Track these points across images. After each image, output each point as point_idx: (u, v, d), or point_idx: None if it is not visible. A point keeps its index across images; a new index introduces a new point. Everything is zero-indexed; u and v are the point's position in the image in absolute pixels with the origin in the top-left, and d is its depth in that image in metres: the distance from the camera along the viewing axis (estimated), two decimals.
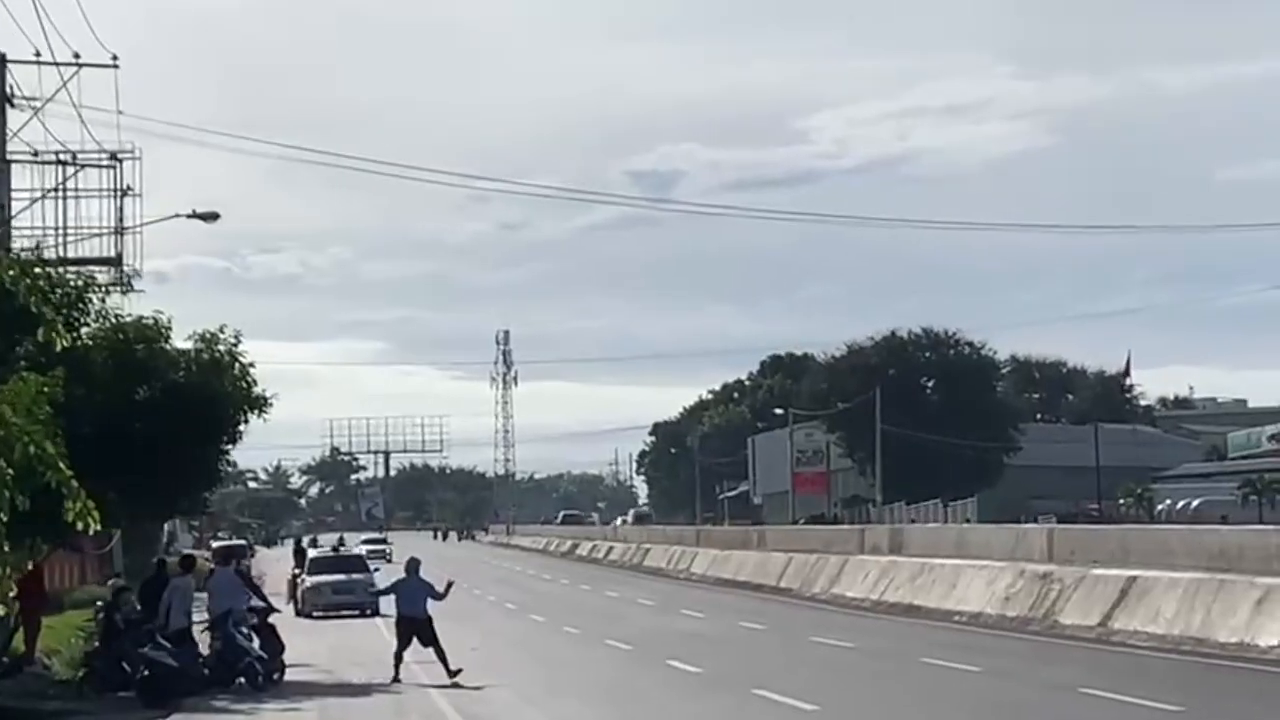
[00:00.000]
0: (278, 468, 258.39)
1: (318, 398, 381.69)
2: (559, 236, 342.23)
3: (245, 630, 32.16)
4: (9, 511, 18.89)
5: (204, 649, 32.55)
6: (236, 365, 35.55)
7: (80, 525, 19.28)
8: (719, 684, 29.66)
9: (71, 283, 36.02)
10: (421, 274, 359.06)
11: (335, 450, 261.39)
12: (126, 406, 33.53)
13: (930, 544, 57.37)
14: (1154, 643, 35.21)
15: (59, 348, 20.19)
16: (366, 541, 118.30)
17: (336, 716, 26.64)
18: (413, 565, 34.22)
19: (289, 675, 32.85)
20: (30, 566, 33.87)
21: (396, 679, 31.44)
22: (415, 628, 32.29)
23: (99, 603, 36.27)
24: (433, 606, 32.69)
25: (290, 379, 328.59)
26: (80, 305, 35.09)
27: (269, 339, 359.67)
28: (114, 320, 35.49)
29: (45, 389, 21.01)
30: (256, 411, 36.73)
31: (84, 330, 34.72)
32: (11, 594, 34.98)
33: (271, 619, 33.99)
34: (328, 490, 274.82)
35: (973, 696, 27.16)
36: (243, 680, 31.01)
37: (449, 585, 33.42)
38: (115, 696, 30.36)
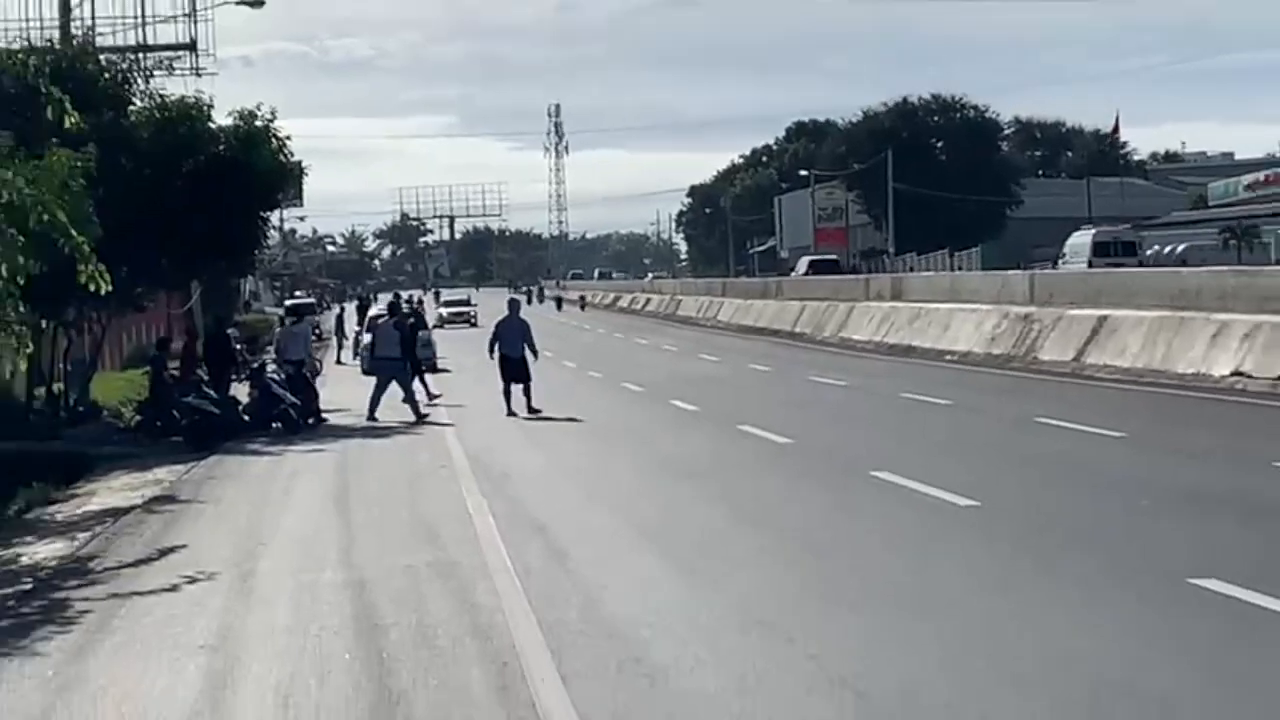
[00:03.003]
0: (353, 233, 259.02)
1: (390, 168, 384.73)
2: (605, 17, 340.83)
3: (279, 378, 32.02)
4: (25, 276, 18.52)
5: (244, 398, 32.44)
6: (273, 139, 35.07)
7: (92, 287, 18.89)
8: (710, 420, 29.34)
9: (118, 67, 35.61)
10: (482, 54, 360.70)
11: (405, 216, 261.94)
12: (172, 178, 33.16)
13: (927, 290, 57.01)
14: (1120, 375, 34.86)
15: (67, 125, 19.54)
16: (448, 304, 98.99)
17: (354, 454, 26.43)
18: (514, 305, 34.37)
19: (330, 420, 32.78)
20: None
21: (510, 413, 31.50)
22: (513, 365, 32.40)
23: (151, 357, 36.03)
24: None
25: (366, 152, 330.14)
26: (126, 86, 34.72)
27: (347, 116, 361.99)
28: (159, 100, 34.99)
29: (78, 164, 20.57)
30: (293, 180, 36.61)
31: (130, 110, 34.36)
32: (65, 348, 35.17)
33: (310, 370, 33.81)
34: (399, 253, 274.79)
35: (933, 426, 26.81)
36: (278, 425, 30.88)
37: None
38: (166, 441, 30.27)
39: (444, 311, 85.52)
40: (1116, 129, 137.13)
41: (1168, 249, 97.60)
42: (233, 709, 10.34)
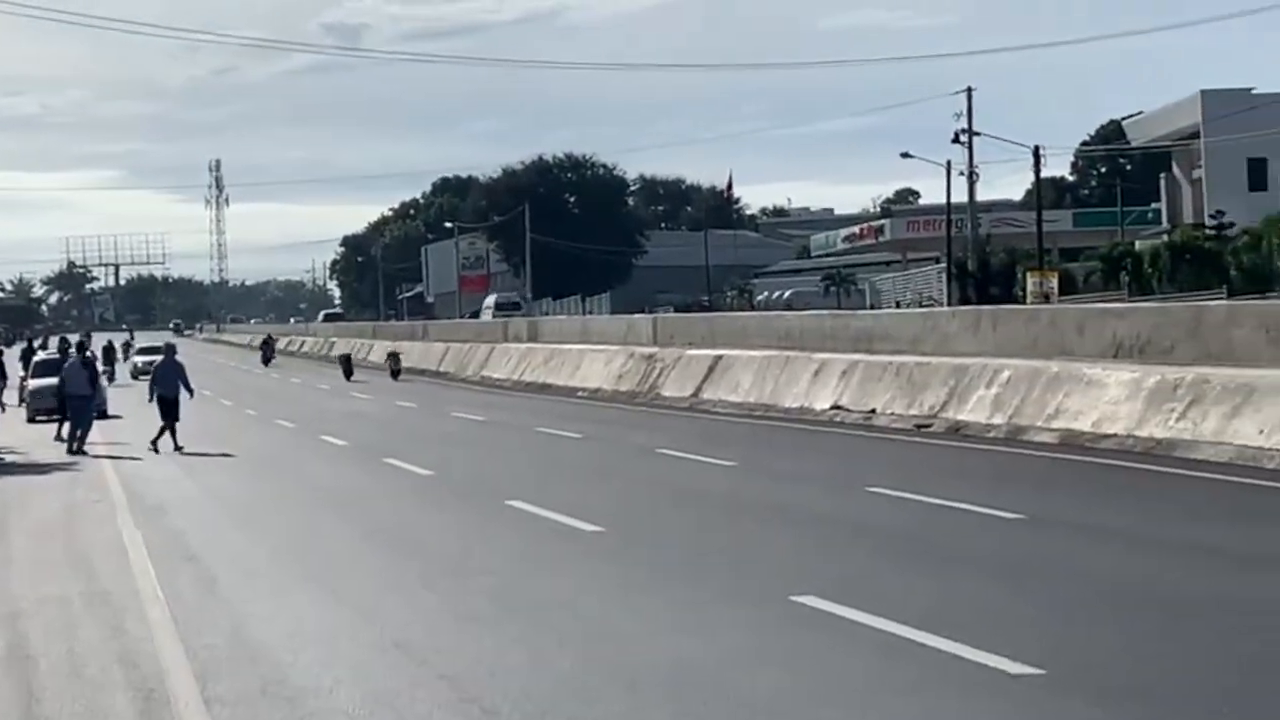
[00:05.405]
0: (20, 280, 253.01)
1: (58, 219, 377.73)
2: (264, 80, 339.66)
3: None
4: None
5: None
6: None
7: None
8: (357, 453, 28.98)
9: None
10: (147, 113, 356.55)
11: (72, 264, 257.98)
12: None
13: (561, 332, 57.33)
14: (734, 409, 35.36)
15: None
16: (145, 351, 76.47)
17: (12, 491, 25.21)
18: (169, 349, 34.23)
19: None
20: None
21: (176, 448, 30.52)
22: (168, 405, 31.54)
23: None
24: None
25: (35, 204, 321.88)
26: None
27: (16, 170, 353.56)
28: None
29: None
30: None
31: None
32: None
33: None
34: (66, 299, 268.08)
35: (565, 457, 26.87)
36: None
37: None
38: None
39: (139, 361, 71.60)
40: (730, 186, 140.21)
41: (775, 294, 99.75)
42: None
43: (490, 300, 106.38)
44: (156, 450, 30.44)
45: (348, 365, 67.33)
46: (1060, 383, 25.27)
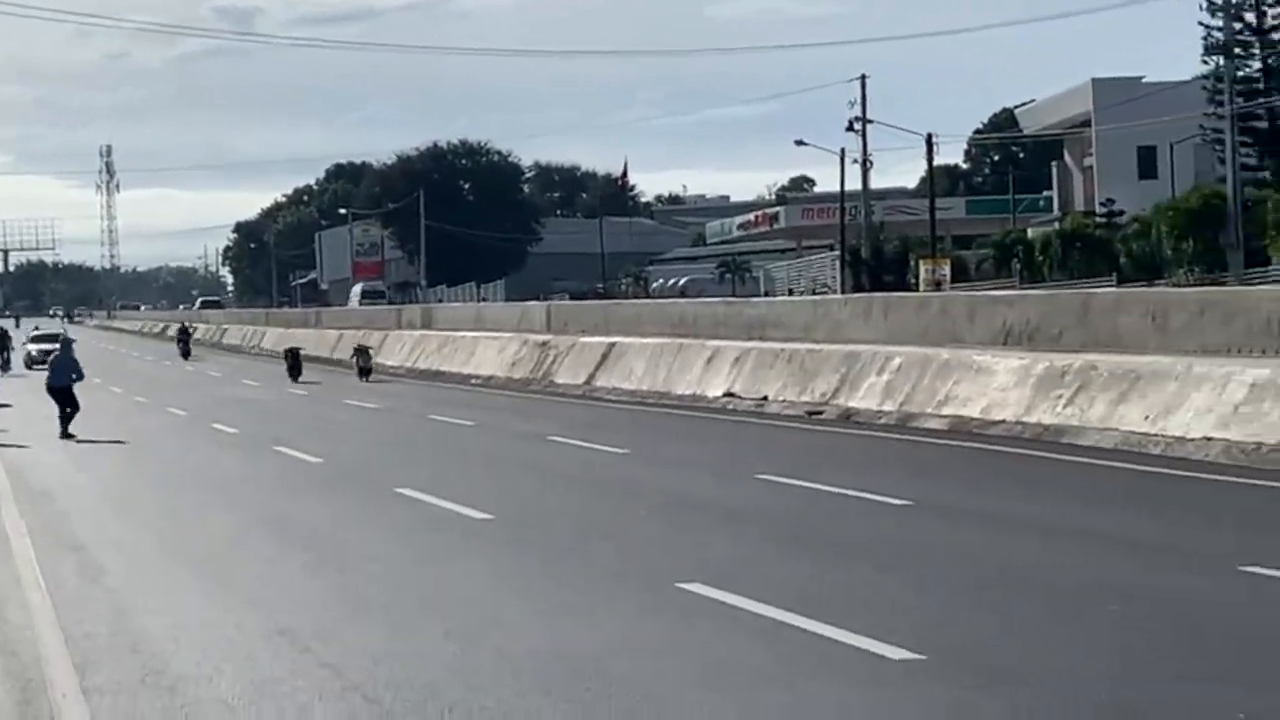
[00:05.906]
0: None
1: None
2: (157, 65, 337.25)
3: None
4: None
5: None
6: None
7: None
8: (248, 441, 28.74)
9: None
10: (38, 97, 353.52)
11: None
12: None
13: (455, 319, 57.31)
14: (627, 396, 35.41)
15: None
16: (38, 339, 73.96)
17: None
18: (66, 343, 34.83)
19: None
20: None
21: (65, 435, 30.31)
22: (59, 394, 31.67)
23: None
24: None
25: None
26: None
27: None
28: None
29: None
30: None
31: None
32: None
33: None
34: None
35: (456, 444, 26.82)
36: None
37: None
38: None
39: (33, 350, 67.94)
40: (625, 173, 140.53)
41: (670, 281, 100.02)
42: None
43: (356, 289, 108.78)
44: (70, 437, 30.16)
45: (295, 361, 53.90)
46: (950, 370, 25.49)
